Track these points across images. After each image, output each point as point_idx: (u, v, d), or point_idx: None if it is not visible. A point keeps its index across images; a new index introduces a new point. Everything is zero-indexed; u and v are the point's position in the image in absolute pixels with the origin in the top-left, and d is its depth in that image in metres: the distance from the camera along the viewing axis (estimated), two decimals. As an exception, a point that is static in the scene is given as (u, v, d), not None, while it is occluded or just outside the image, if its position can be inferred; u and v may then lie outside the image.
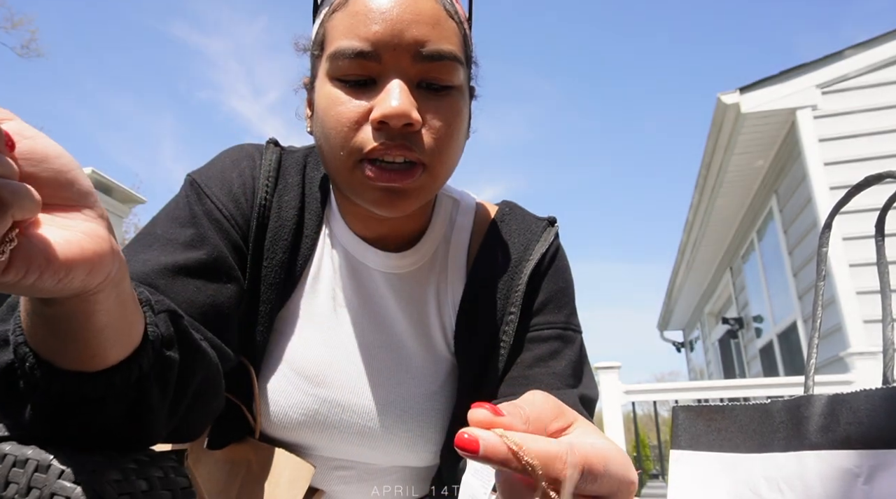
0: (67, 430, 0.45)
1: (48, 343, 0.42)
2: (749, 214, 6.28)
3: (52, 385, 0.43)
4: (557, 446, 0.31)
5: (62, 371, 0.42)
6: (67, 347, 0.42)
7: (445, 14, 0.64)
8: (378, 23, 0.60)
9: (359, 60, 0.61)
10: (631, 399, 4.01)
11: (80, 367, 0.43)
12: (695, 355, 11.68)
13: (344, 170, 0.63)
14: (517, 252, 0.76)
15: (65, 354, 0.42)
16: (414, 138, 0.61)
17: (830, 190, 4.25)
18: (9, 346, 0.44)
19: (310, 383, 0.70)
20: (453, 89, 0.65)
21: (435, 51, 0.62)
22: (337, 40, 0.63)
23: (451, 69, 0.63)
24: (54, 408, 0.44)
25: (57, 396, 0.43)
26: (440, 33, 0.62)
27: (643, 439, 6.86)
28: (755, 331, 6.70)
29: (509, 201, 0.83)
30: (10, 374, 0.44)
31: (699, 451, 0.53)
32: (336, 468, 0.73)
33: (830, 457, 0.41)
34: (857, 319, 3.95)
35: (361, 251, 0.74)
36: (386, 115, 0.59)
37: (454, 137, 0.65)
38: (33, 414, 0.44)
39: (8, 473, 0.43)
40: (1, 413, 0.47)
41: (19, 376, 0.43)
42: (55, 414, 0.44)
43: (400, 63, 0.61)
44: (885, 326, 0.49)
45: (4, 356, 0.44)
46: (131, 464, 0.46)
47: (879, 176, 0.50)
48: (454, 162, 0.68)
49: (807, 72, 4.60)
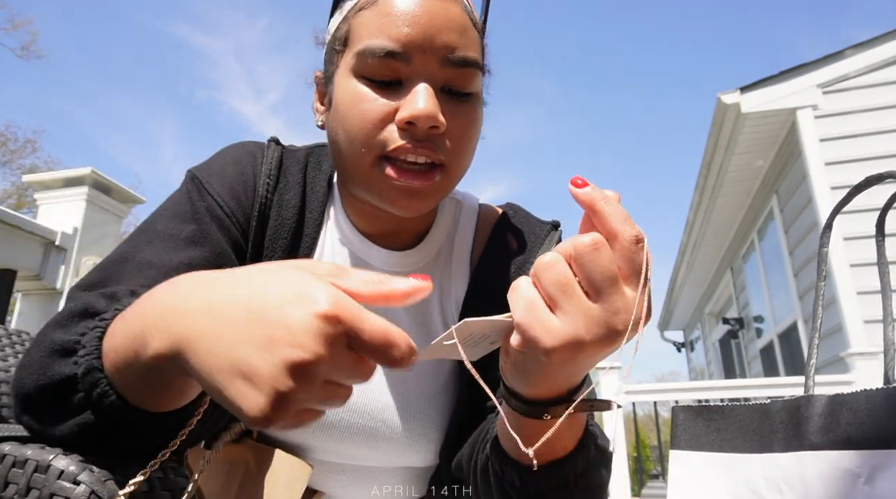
0: (98, 447, 0.46)
1: (126, 382, 0.43)
2: (749, 214, 6.28)
3: (112, 414, 0.44)
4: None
5: (128, 404, 0.44)
6: (147, 395, 0.44)
7: (471, 23, 0.66)
8: (410, 25, 0.61)
9: (388, 60, 0.62)
10: (631, 399, 4.01)
11: (146, 407, 0.45)
12: (695, 356, 11.68)
13: (363, 166, 0.64)
14: (520, 254, 0.77)
15: (138, 397, 0.44)
16: (438, 141, 0.63)
17: (831, 190, 4.25)
18: (72, 356, 0.45)
19: None
20: (473, 96, 0.66)
21: (462, 57, 0.63)
22: (366, 38, 0.63)
23: (474, 77, 0.65)
24: (100, 428, 0.45)
25: (107, 420, 0.44)
26: (467, 41, 0.64)
27: (643, 440, 6.86)
28: (756, 331, 6.69)
29: (513, 204, 0.84)
30: (66, 386, 0.45)
31: (699, 451, 0.53)
32: (335, 469, 0.73)
33: (830, 457, 0.41)
34: (857, 320, 3.95)
35: (365, 249, 0.75)
36: (415, 117, 0.60)
37: (472, 143, 0.67)
38: (73, 428, 0.45)
39: (7, 473, 0.43)
40: (33, 417, 0.47)
41: (77, 390, 0.44)
42: (97, 433, 0.45)
43: (428, 67, 0.62)
44: (886, 327, 0.49)
45: (66, 368, 0.45)
46: (131, 464, 0.46)
47: (880, 176, 0.50)
48: (468, 165, 0.70)
49: (807, 72, 4.60)
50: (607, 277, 0.41)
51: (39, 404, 0.46)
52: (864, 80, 4.52)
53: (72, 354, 0.45)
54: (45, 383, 0.45)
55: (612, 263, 0.41)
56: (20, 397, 0.47)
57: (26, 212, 12.67)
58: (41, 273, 3.16)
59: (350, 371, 0.35)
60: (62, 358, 0.45)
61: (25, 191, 15.42)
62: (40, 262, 3.17)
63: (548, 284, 0.43)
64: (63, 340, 0.46)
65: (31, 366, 0.47)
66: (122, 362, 0.42)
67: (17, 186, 16.73)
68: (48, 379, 0.45)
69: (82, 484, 0.41)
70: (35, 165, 17.03)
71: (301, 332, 0.33)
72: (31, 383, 0.46)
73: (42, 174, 3.58)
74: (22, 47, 15.43)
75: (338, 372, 0.34)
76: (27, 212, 12.82)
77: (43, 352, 0.46)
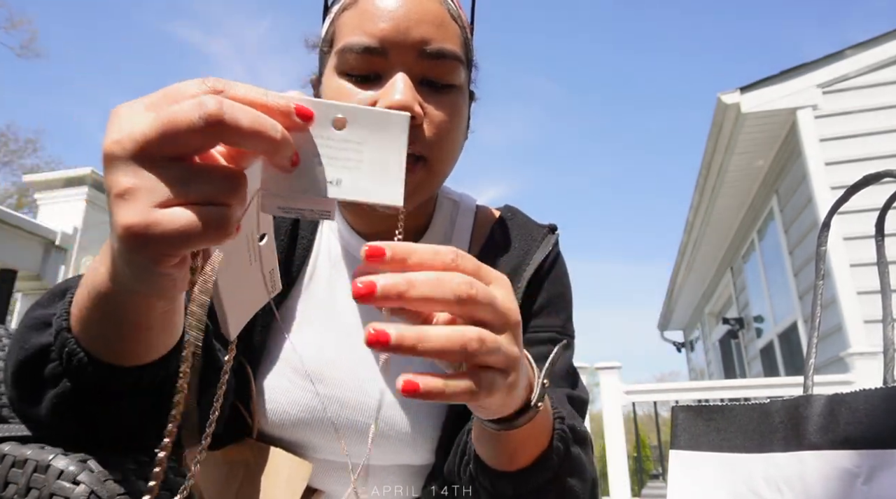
0: (78, 426, 0.46)
1: (92, 333, 0.43)
2: (749, 214, 6.27)
3: (83, 373, 0.43)
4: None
5: (96, 360, 0.43)
6: (112, 340, 0.43)
7: (449, 17, 0.67)
8: (385, 21, 0.64)
9: (366, 55, 0.64)
10: (631, 399, 4.01)
11: (115, 361, 0.43)
12: (695, 356, 11.67)
13: None
14: (517, 256, 0.77)
15: (105, 347, 0.43)
16: (415, 131, 0.64)
17: (831, 190, 4.25)
18: (49, 328, 0.45)
19: (309, 381, 0.70)
20: (454, 88, 0.68)
21: (438, 49, 0.65)
22: (346, 36, 0.65)
23: (453, 68, 0.66)
24: (76, 399, 0.44)
25: (83, 385, 0.44)
26: (444, 34, 0.66)
27: (643, 440, 6.87)
28: (756, 331, 6.69)
29: (512, 206, 0.84)
30: (42, 356, 0.45)
31: (699, 451, 0.53)
32: (334, 467, 0.73)
33: (830, 457, 0.41)
34: (857, 320, 3.95)
35: (361, 250, 0.75)
36: (390, 106, 0.61)
37: (454, 132, 0.68)
38: (52, 402, 0.45)
39: (7, 473, 0.43)
40: (17, 395, 0.47)
41: (51, 359, 0.44)
42: (73, 406, 0.45)
43: (405, 60, 0.64)
44: (886, 326, 0.49)
45: (43, 338, 0.45)
46: (131, 464, 0.46)
47: (878, 175, 0.50)
48: (453, 158, 0.70)
49: (807, 72, 4.60)
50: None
51: (23, 380, 0.46)
52: (864, 80, 4.52)
53: (48, 327, 0.45)
54: (24, 357, 0.46)
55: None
56: (9, 381, 0.48)
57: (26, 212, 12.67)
58: (41, 273, 3.17)
59: (212, 170, 0.34)
60: (39, 331, 0.46)
61: (26, 191, 15.42)
62: (40, 262, 3.18)
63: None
64: (41, 315, 0.47)
65: (14, 346, 0.48)
66: (84, 310, 0.42)
67: (17, 185, 16.75)
68: (26, 352, 0.46)
69: (82, 484, 0.41)
70: (36, 166, 17.05)
71: (176, 92, 0.33)
72: (13, 361, 0.47)
73: (42, 174, 3.58)
74: (21, 46, 15.44)
75: (201, 175, 0.33)
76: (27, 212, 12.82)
77: (23, 329, 0.47)
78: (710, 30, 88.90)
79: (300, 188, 0.36)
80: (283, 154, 0.34)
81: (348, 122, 0.37)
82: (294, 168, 0.36)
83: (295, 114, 0.35)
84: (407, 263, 0.36)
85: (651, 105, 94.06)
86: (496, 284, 0.39)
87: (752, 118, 4.69)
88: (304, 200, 0.37)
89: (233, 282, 0.42)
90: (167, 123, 0.32)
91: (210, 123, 0.31)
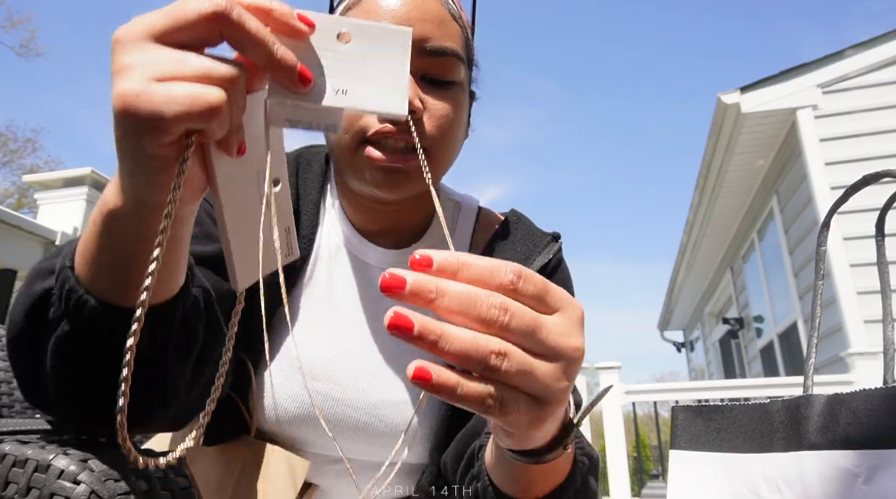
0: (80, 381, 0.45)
1: (94, 268, 0.42)
2: (749, 214, 6.27)
3: (81, 313, 0.42)
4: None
5: (94, 297, 0.42)
6: (114, 271, 0.42)
7: (450, 16, 0.69)
8: (387, 19, 0.65)
9: None
10: (631, 399, 4.01)
11: (118, 301, 0.43)
12: (695, 355, 11.68)
13: (347, 151, 0.67)
14: (518, 260, 0.77)
15: (108, 283, 0.42)
16: (416, 125, 0.65)
17: (831, 190, 4.25)
18: (52, 274, 0.45)
19: (308, 378, 0.70)
20: (454, 84, 0.69)
21: (438, 47, 0.66)
22: None
23: (453, 66, 0.68)
24: (76, 341, 0.43)
25: (82, 327, 0.43)
26: (444, 32, 0.67)
27: (643, 439, 6.87)
28: (756, 331, 6.69)
29: (518, 211, 0.85)
30: (43, 300, 0.45)
31: (699, 451, 0.53)
32: (331, 463, 0.73)
33: (830, 457, 0.41)
34: (857, 319, 3.95)
35: (362, 248, 0.76)
36: None
37: (453, 127, 0.69)
38: (53, 351, 0.44)
39: (8, 473, 0.43)
40: (21, 346, 0.47)
41: (52, 302, 0.44)
42: (73, 355, 0.44)
43: None
44: (886, 326, 0.49)
45: (46, 283, 0.45)
46: (131, 464, 0.46)
47: (877, 175, 0.50)
48: (453, 152, 0.71)
49: (807, 72, 4.60)
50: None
51: (26, 330, 0.46)
52: (864, 80, 4.53)
53: (52, 273, 0.45)
54: (28, 304, 0.45)
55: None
56: (11, 338, 0.47)
57: (27, 212, 12.68)
58: (41, 273, 3.16)
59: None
60: (43, 278, 0.46)
61: (26, 191, 15.43)
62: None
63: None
64: (46, 265, 0.47)
65: (18, 298, 0.47)
66: (87, 242, 0.42)
67: (17, 185, 16.75)
68: (31, 298, 0.45)
69: (82, 484, 0.41)
70: (36, 165, 17.04)
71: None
72: (19, 312, 0.46)
73: (42, 174, 3.59)
74: (21, 45, 15.45)
75: (199, 57, 0.34)
76: (27, 212, 12.83)
77: (28, 281, 0.47)
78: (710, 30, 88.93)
79: (306, 98, 0.37)
80: (284, 67, 0.35)
81: (353, 37, 0.38)
82: (307, 87, 0.36)
83: (297, 18, 0.36)
84: (457, 277, 0.32)
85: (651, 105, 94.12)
86: (562, 314, 0.35)
87: (752, 118, 4.69)
88: (310, 110, 0.38)
89: (241, 222, 0.41)
90: (177, 11, 0.34)
91: (218, 14, 0.33)
